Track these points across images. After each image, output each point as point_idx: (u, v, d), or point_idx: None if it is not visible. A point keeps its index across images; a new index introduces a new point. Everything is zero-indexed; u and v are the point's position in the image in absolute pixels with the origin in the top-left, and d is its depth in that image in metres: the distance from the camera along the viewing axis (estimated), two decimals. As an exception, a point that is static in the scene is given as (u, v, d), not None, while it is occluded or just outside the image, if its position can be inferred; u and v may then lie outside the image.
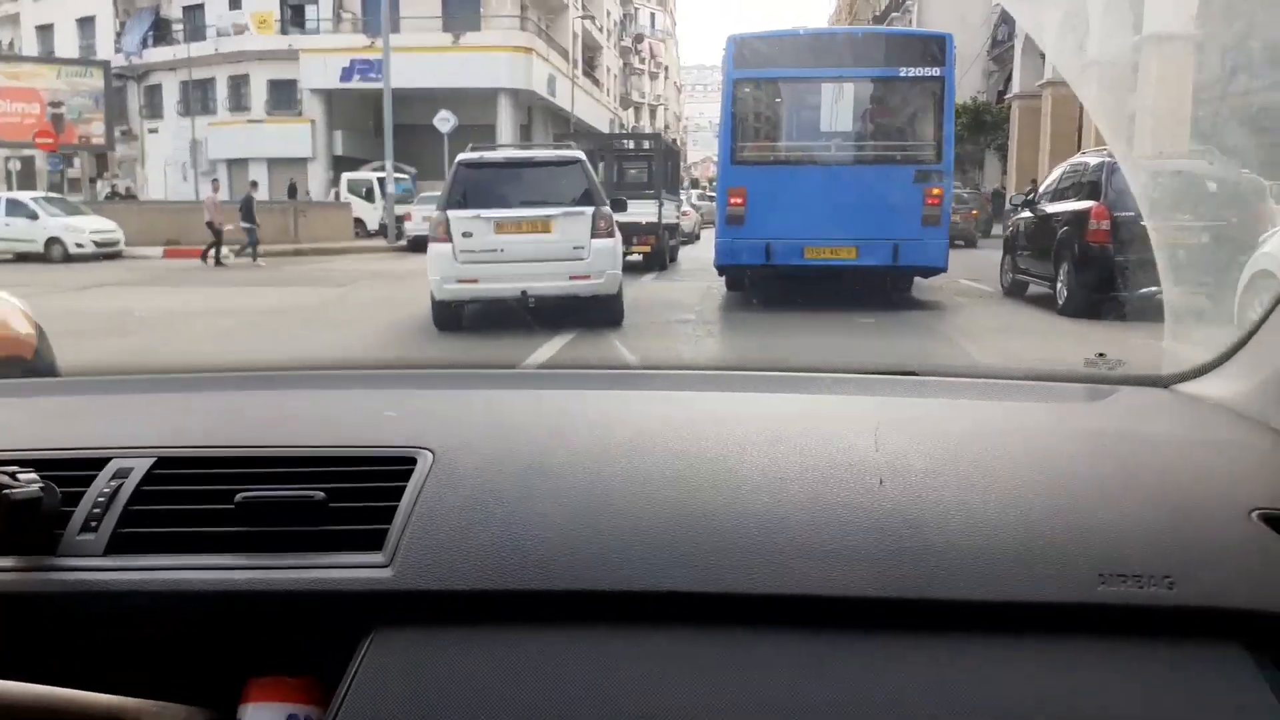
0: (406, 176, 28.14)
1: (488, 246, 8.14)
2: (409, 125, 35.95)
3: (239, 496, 0.97)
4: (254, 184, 22.92)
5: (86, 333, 7.67)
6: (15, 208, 20.39)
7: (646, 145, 19.56)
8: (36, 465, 0.96)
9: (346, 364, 3.40)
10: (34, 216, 20.12)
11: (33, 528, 0.93)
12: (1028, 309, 10.56)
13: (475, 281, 8.25)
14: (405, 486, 0.99)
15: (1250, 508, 0.92)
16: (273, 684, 0.90)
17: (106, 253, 20.02)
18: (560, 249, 8.22)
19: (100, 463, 1.04)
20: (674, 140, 28.43)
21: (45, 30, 42.23)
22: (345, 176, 28.70)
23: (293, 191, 30.13)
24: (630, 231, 12.91)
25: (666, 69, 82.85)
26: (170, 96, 38.72)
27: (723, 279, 11.42)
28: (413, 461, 1.03)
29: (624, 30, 58.66)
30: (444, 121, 27.31)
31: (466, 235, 8.12)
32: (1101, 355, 1.53)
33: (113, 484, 1.01)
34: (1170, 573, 0.86)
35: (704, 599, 0.86)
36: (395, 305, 11.48)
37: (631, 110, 63.23)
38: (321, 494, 0.98)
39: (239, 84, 38.10)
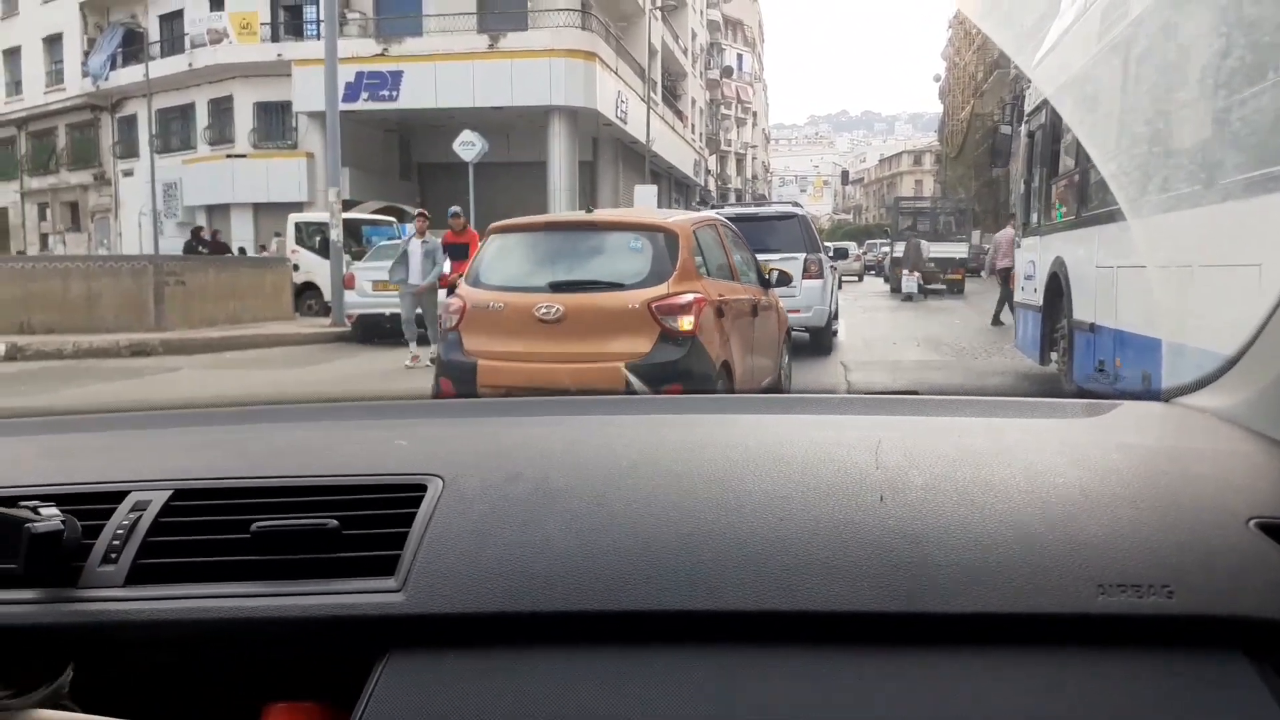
0: (391, 221, 19.22)
1: None
2: (437, 164, 27.16)
3: (255, 526, 0.99)
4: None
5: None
6: None
7: (959, 204, 29.23)
8: (57, 499, 1.00)
9: (352, 396, 3.37)
10: None
11: (54, 560, 0.96)
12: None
13: None
14: (416, 513, 1.02)
15: (1248, 516, 0.94)
16: (288, 710, 0.93)
17: None
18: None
19: (119, 496, 1.07)
20: (961, 198, 34.36)
21: (12, 55, 35.32)
22: (292, 219, 19.36)
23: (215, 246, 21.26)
24: (945, 265, 23.96)
25: (755, 115, 74.98)
26: (147, 129, 30.74)
27: None
28: (423, 488, 1.06)
29: (711, 59, 50.06)
30: (467, 147, 18.84)
31: None
32: (1101, 370, 1.66)
33: (131, 516, 1.04)
34: (1169, 582, 0.87)
35: (710, 617, 0.89)
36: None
37: (716, 158, 54.58)
38: (335, 522, 1.00)
39: (221, 108, 29.90)
